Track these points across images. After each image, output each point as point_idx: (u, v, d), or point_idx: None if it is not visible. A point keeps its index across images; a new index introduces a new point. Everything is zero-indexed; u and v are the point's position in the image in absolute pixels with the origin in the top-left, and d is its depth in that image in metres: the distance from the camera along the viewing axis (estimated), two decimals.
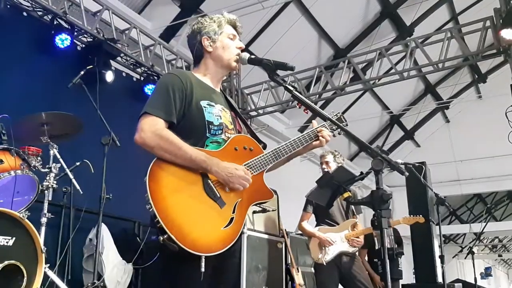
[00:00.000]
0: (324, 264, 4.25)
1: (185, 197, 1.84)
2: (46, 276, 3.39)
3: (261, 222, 5.91)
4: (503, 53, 7.02)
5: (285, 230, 6.44)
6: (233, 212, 1.92)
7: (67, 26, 5.75)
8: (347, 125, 2.33)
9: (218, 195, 1.90)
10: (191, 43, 2.22)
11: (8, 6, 5.28)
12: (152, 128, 1.89)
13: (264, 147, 2.16)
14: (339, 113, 2.36)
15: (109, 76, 5.99)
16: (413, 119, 14.15)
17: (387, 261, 1.95)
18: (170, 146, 1.87)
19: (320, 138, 2.19)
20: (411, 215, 4.85)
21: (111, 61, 6.18)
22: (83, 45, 6.19)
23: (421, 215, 4.78)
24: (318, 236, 4.36)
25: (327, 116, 2.14)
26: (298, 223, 4.63)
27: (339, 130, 2.25)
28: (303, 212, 4.62)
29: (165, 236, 1.73)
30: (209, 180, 1.91)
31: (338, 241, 4.32)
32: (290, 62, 2.05)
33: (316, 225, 4.56)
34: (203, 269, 1.77)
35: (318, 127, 2.22)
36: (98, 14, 6.18)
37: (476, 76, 13.51)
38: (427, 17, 10.55)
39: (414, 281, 6.99)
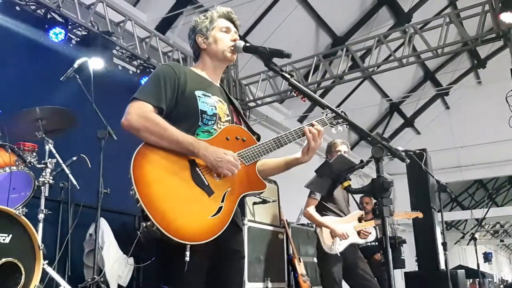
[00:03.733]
0: (339, 255, 4.14)
1: (171, 183, 1.80)
2: (45, 273, 3.36)
3: (262, 213, 5.88)
4: (502, 37, 6.95)
5: (286, 220, 6.42)
6: (222, 201, 1.86)
7: (61, 20, 5.67)
8: (347, 120, 2.23)
9: (206, 183, 1.85)
10: (189, 43, 2.23)
11: (1, 1, 5.21)
12: (139, 111, 1.87)
13: (258, 138, 2.12)
14: (339, 109, 2.27)
15: (98, 64, 5.61)
16: (413, 106, 14.08)
17: (389, 250, 1.91)
18: (155, 127, 1.84)
19: (307, 133, 2.06)
20: (412, 210, 4.80)
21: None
22: (78, 39, 6.11)
23: (418, 210, 4.73)
24: (333, 229, 4.18)
25: (325, 104, 2.08)
26: (304, 209, 4.40)
27: (339, 125, 2.18)
28: (310, 198, 4.36)
29: (149, 223, 1.69)
30: (197, 168, 1.86)
31: (350, 232, 4.26)
32: (287, 51, 1.99)
33: (320, 213, 4.45)
34: (187, 258, 1.72)
35: (310, 123, 2.12)
36: (92, 7, 6.09)
37: (476, 62, 13.43)
38: (425, 3, 10.45)
39: (417, 269, 6.98)
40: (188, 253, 1.72)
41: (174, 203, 1.76)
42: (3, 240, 2.97)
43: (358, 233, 4.29)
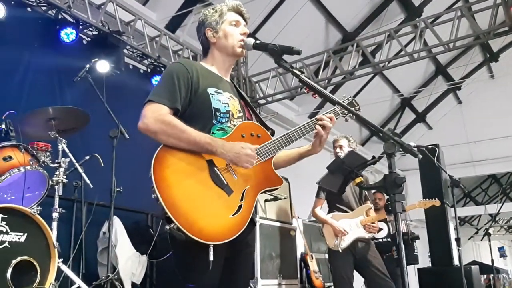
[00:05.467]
0: (340, 251, 4.20)
1: (192, 185, 1.81)
2: (60, 271, 3.40)
3: (273, 210, 5.89)
4: None
5: (298, 217, 6.41)
6: (241, 200, 1.88)
7: (72, 20, 5.71)
8: (359, 109, 2.26)
9: (225, 183, 1.87)
10: (198, 36, 2.22)
11: (12, 2, 5.26)
12: (155, 114, 1.87)
13: (272, 133, 2.13)
14: (350, 97, 2.30)
15: (107, 66, 5.62)
16: (425, 101, 13.96)
17: (402, 246, 1.90)
18: (173, 130, 1.84)
19: (318, 126, 2.08)
20: (427, 199, 4.77)
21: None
22: (89, 39, 6.16)
23: (436, 199, 4.70)
24: (330, 223, 4.29)
25: (336, 100, 2.07)
26: (312, 209, 4.57)
27: (350, 114, 2.18)
28: (316, 198, 4.54)
29: (172, 225, 1.71)
30: (215, 168, 1.88)
31: (354, 227, 4.26)
32: (297, 48, 1.99)
33: (329, 211, 4.50)
34: (211, 258, 1.74)
35: (325, 113, 2.15)
36: (102, 6, 6.13)
37: (488, 55, 13.28)
38: None
39: (430, 265, 6.93)
40: (211, 253, 1.75)
41: (196, 204, 1.78)
42: (19, 238, 3.01)
43: (365, 227, 4.28)
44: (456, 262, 6.27)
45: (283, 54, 2.02)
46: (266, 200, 5.76)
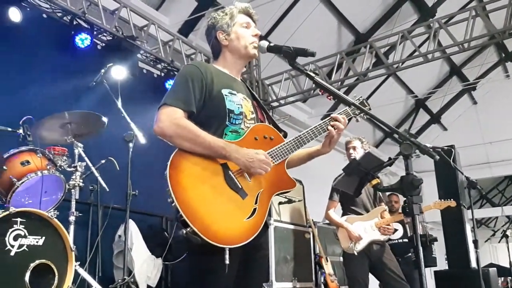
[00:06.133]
0: (355, 254, 4.17)
1: (206, 188, 1.82)
2: (77, 274, 3.43)
3: (288, 213, 5.88)
4: None
5: (312, 220, 6.39)
6: (256, 203, 1.88)
7: (86, 25, 5.80)
8: (370, 109, 2.26)
9: (240, 186, 1.87)
10: (208, 39, 2.24)
11: (28, 9, 5.34)
12: (170, 118, 1.88)
13: (285, 135, 2.13)
14: (361, 97, 2.30)
15: (122, 72, 5.55)
16: (439, 102, 13.81)
17: (420, 248, 1.88)
18: (188, 134, 1.85)
19: (330, 127, 2.10)
20: (442, 200, 4.73)
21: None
22: (103, 44, 6.23)
23: (452, 199, 4.66)
24: (346, 227, 4.27)
25: (351, 102, 2.06)
26: (325, 212, 4.56)
27: (362, 114, 2.18)
28: (329, 200, 4.53)
29: (188, 229, 1.71)
30: (230, 171, 1.88)
31: (369, 229, 4.24)
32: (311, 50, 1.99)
33: (343, 214, 4.48)
34: (227, 261, 1.75)
35: (337, 114, 2.15)
36: (116, 12, 6.20)
37: (503, 55, 13.10)
38: None
39: (447, 267, 6.85)
40: (227, 256, 1.75)
41: (211, 208, 1.79)
42: (37, 242, 3.05)
43: (380, 229, 4.25)
44: (473, 264, 6.19)
45: (297, 56, 2.02)
46: (280, 203, 5.75)
